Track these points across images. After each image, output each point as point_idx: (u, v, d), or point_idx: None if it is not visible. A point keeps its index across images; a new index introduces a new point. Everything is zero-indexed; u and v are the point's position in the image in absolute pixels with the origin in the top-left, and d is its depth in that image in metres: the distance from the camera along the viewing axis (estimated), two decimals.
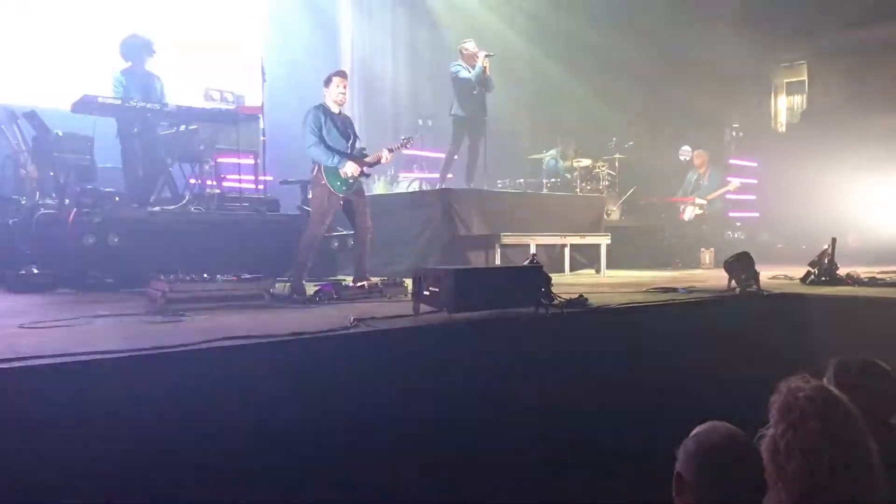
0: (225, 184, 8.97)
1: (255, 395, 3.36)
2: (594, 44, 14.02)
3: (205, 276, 5.40)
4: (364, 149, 6.97)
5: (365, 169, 6.75)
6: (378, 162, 6.95)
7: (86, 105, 7.36)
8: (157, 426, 3.03)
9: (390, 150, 7.04)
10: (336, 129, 6.73)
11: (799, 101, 16.74)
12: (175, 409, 3.09)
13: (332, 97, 6.76)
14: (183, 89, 8.83)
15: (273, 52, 11.20)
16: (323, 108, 6.75)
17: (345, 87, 6.81)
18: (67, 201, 7.18)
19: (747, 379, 3.51)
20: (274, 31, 12.24)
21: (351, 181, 6.64)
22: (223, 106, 8.50)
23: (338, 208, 6.80)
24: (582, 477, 4.28)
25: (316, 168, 6.67)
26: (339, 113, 6.83)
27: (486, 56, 9.97)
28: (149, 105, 7.71)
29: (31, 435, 2.75)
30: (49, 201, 7.57)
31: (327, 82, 6.80)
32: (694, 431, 2.16)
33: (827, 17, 13.84)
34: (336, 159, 6.58)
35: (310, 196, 7.16)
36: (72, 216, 6.75)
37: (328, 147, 6.61)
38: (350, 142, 6.80)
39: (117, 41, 8.26)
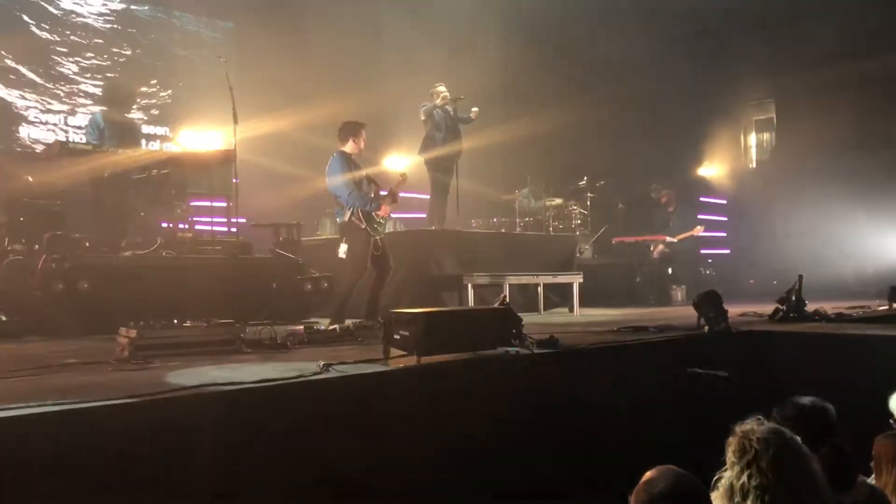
0: (197, 227, 8.95)
1: (223, 443, 3.34)
2: (564, 81, 14.21)
3: (175, 322, 5.37)
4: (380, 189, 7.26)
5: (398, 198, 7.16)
6: (403, 183, 7.28)
7: (57, 150, 7.36)
8: (124, 476, 3.01)
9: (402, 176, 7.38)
10: (360, 173, 7.01)
11: (768, 138, 17.06)
12: (141, 460, 3.07)
13: (357, 146, 7.02)
14: (154, 131, 8.86)
15: (243, 93, 11.24)
16: (347, 156, 6.98)
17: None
18: (37, 247, 7.13)
19: (714, 418, 3.55)
20: (243, 72, 12.28)
21: (385, 222, 7.00)
22: (195, 149, 8.54)
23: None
24: None
25: (349, 214, 6.82)
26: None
27: (454, 100, 9.96)
28: (120, 151, 7.72)
29: None
30: (17, 247, 7.50)
31: (353, 133, 7.01)
32: (644, 478, 2.18)
33: (793, 56, 14.15)
34: (374, 204, 6.86)
35: (344, 244, 7.01)
36: (41, 262, 6.71)
37: (364, 192, 6.89)
38: (371, 184, 7.10)
39: (99, 85, 8.33)
